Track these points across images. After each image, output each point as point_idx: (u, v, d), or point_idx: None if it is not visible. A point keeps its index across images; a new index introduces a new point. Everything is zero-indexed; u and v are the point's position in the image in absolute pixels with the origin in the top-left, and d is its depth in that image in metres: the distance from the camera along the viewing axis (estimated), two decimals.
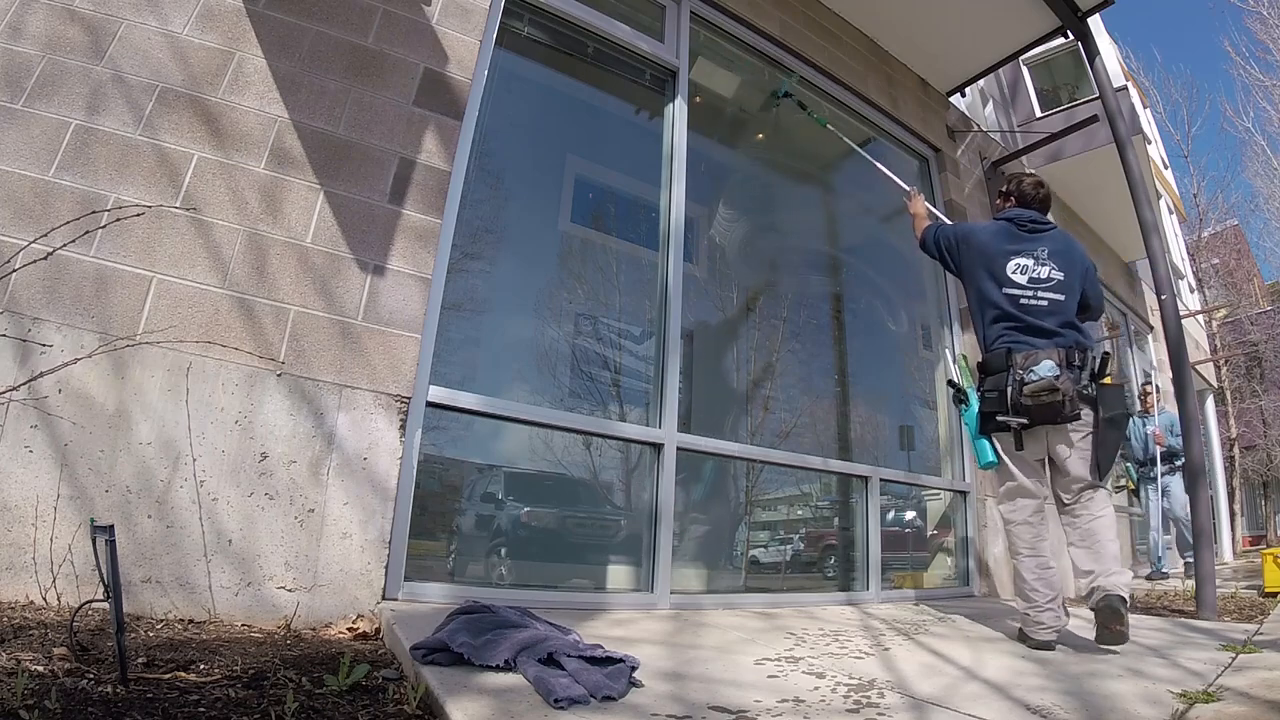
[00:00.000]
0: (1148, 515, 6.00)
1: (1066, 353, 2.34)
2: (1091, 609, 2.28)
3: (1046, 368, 2.28)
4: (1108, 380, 2.41)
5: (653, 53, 3.50)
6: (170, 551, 1.91)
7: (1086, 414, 2.36)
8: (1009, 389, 2.33)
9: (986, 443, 2.48)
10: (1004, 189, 2.73)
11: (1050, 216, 2.63)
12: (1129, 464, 6.20)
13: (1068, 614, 2.42)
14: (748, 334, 4.04)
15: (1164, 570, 5.78)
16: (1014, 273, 2.46)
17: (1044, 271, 2.44)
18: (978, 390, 2.51)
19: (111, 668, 1.35)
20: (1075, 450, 2.38)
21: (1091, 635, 2.31)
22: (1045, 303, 2.42)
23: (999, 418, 2.38)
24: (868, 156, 4.16)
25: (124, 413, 1.94)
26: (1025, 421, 2.34)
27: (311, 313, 2.24)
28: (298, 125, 2.39)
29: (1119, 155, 4.07)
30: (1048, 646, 2.27)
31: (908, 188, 3.46)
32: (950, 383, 2.67)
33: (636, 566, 2.87)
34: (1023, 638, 2.39)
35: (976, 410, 2.50)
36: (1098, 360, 2.40)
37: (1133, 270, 8.33)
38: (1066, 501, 2.43)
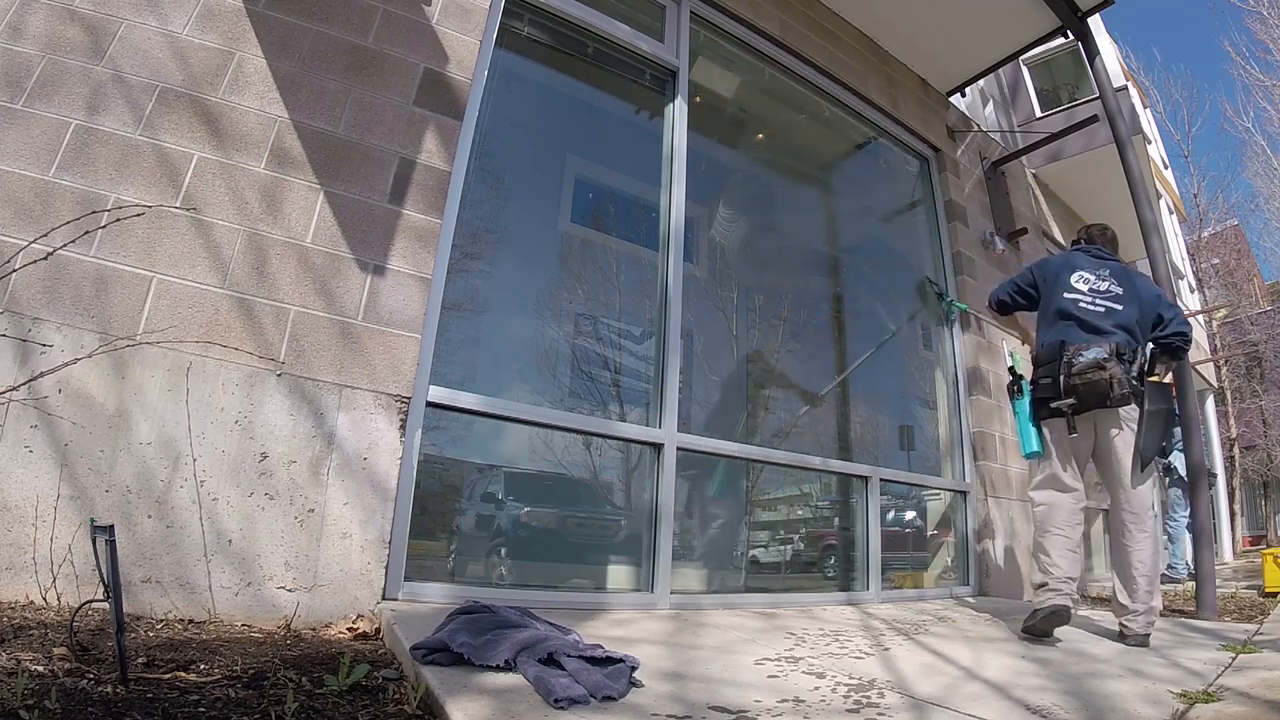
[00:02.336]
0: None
1: (1117, 346, 2.53)
2: (1120, 638, 2.48)
3: (1095, 352, 2.51)
4: (1155, 378, 2.61)
5: (653, 53, 3.50)
6: (170, 551, 1.91)
7: (1132, 407, 2.54)
8: (1060, 376, 2.54)
9: (1034, 431, 2.66)
10: (1075, 237, 3.08)
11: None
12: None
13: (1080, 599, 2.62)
14: (748, 334, 4.04)
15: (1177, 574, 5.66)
16: (1076, 282, 2.73)
17: (1103, 285, 2.70)
18: (1030, 381, 2.71)
19: (111, 668, 1.35)
20: (1121, 438, 2.55)
21: (1096, 634, 2.55)
22: (1103, 309, 2.65)
23: (1052, 404, 2.57)
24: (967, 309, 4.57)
25: (124, 413, 1.94)
26: (1074, 402, 2.52)
27: (311, 313, 2.24)
28: (298, 125, 2.39)
29: (1119, 155, 4.08)
30: (1061, 613, 2.37)
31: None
32: (1011, 369, 2.89)
33: (636, 566, 2.87)
34: (1030, 621, 2.43)
35: (1028, 400, 2.70)
36: (1147, 358, 2.61)
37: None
38: (1120, 512, 2.55)
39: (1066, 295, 2.69)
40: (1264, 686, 1.80)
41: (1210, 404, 10.97)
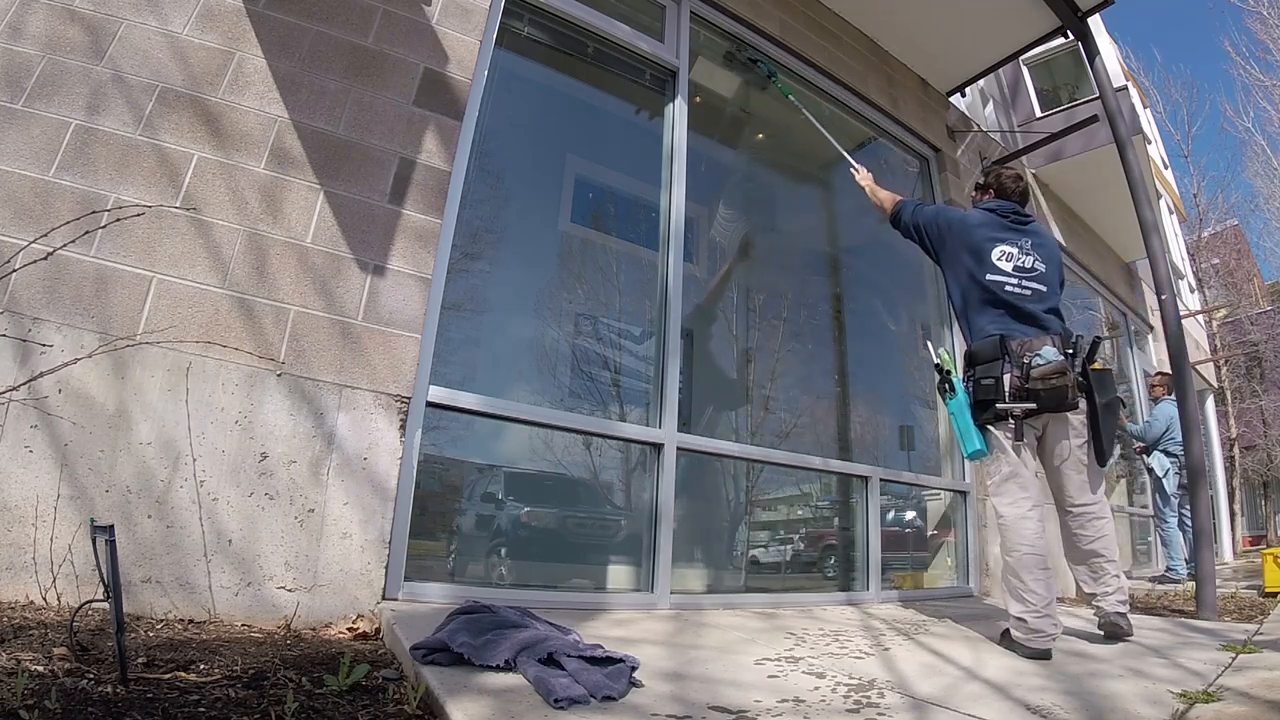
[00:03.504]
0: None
1: (1061, 340, 2.32)
2: (1099, 628, 2.43)
3: (1051, 353, 2.26)
4: (1097, 365, 2.37)
5: (653, 53, 3.50)
6: (170, 551, 1.91)
7: (1082, 403, 2.35)
8: (1006, 376, 2.28)
9: (975, 431, 2.35)
10: (981, 181, 2.72)
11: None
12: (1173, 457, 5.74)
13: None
14: (748, 334, 4.04)
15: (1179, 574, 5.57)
16: (1000, 260, 2.42)
17: (1028, 261, 2.43)
18: (964, 380, 2.43)
19: (111, 668, 1.35)
20: (1077, 443, 2.36)
21: (1095, 634, 2.46)
22: (1030, 292, 2.40)
23: (999, 405, 2.28)
24: (822, 130, 3.90)
25: (124, 413, 1.94)
26: (1032, 406, 2.27)
27: (311, 313, 2.24)
28: (298, 125, 2.39)
29: (1119, 155, 4.07)
30: (1045, 655, 2.12)
31: (856, 165, 3.26)
32: (937, 368, 2.49)
33: (636, 566, 2.87)
34: (1011, 645, 2.21)
35: (964, 400, 2.39)
36: (1088, 346, 2.37)
37: (1133, 270, 8.33)
38: (1071, 510, 2.40)
39: (991, 278, 2.40)
40: (1264, 686, 1.80)
41: (1210, 404, 10.98)
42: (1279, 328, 17.36)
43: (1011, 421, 2.31)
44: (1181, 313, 4.51)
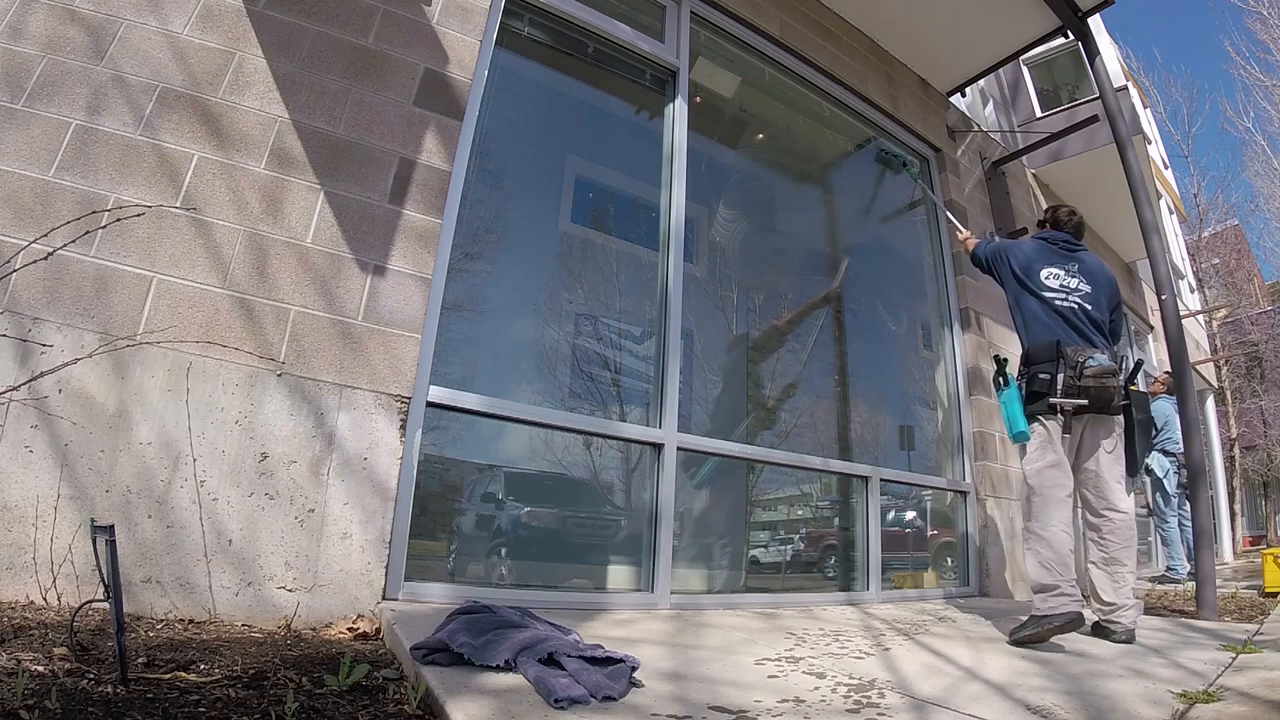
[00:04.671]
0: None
1: (1109, 354, 2.55)
2: (1110, 637, 2.46)
3: (1102, 357, 2.51)
4: (1135, 387, 2.61)
5: (653, 53, 3.50)
6: (170, 552, 1.91)
7: (1120, 417, 2.57)
8: (1059, 375, 2.51)
9: (1024, 418, 2.57)
10: (1041, 218, 3.06)
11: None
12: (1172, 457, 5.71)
13: None
14: (748, 334, 4.04)
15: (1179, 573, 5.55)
16: (1047, 279, 2.73)
17: (1073, 282, 2.71)
18: (1019, 376, 2.67)
19: (111, 668, 1.35)
20: (1115, 448, 2.56)
21: (1089, 635, 2.49)
22: (1076, 306, 2.66)
23: (1052, 400, 2.50)
24: (936, 199, 4.47)
25: (124, 413, 1.94)
26: (1084, 403, 2.49)
27: (312, 313, 2.24)
28: (298, 125, 2.39)
29: (1119, 155, 4.07)
30: (1079, 620, 2.27)
31: (963, 230, 3.80)
32: (995, 358, 2.82)
33: (637, 567, 2.87)
34: (1036, 625, 2.29)
35: (1015, 392, 2.62)
36: (1132, 366, 2.66)
37: (1133, 270, 8.32)
38: (1104, 514, 2.54)
39: (1041, 294, 2.69)
40: (1264, 686, 1.80)
41: (1210, 404, 10.97)
42: (1279, 328, 17.36)
43: (1061, 416, 2.51)
44: (1181, 313, 4.50)
